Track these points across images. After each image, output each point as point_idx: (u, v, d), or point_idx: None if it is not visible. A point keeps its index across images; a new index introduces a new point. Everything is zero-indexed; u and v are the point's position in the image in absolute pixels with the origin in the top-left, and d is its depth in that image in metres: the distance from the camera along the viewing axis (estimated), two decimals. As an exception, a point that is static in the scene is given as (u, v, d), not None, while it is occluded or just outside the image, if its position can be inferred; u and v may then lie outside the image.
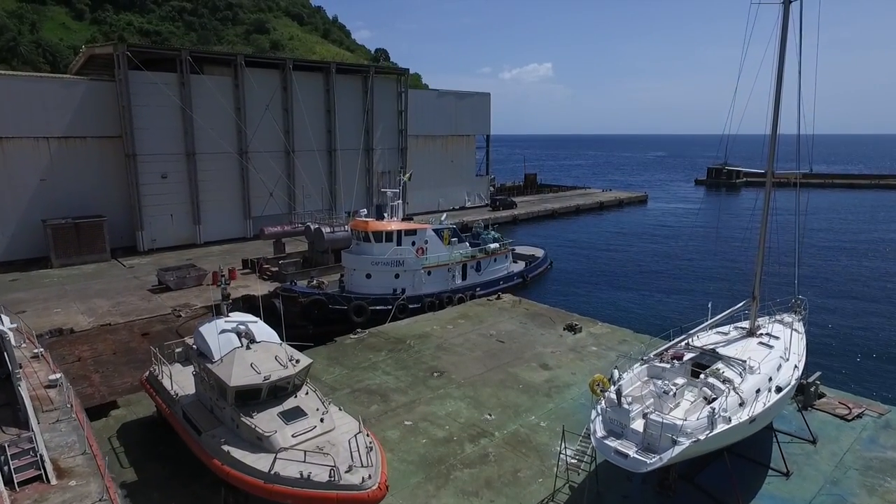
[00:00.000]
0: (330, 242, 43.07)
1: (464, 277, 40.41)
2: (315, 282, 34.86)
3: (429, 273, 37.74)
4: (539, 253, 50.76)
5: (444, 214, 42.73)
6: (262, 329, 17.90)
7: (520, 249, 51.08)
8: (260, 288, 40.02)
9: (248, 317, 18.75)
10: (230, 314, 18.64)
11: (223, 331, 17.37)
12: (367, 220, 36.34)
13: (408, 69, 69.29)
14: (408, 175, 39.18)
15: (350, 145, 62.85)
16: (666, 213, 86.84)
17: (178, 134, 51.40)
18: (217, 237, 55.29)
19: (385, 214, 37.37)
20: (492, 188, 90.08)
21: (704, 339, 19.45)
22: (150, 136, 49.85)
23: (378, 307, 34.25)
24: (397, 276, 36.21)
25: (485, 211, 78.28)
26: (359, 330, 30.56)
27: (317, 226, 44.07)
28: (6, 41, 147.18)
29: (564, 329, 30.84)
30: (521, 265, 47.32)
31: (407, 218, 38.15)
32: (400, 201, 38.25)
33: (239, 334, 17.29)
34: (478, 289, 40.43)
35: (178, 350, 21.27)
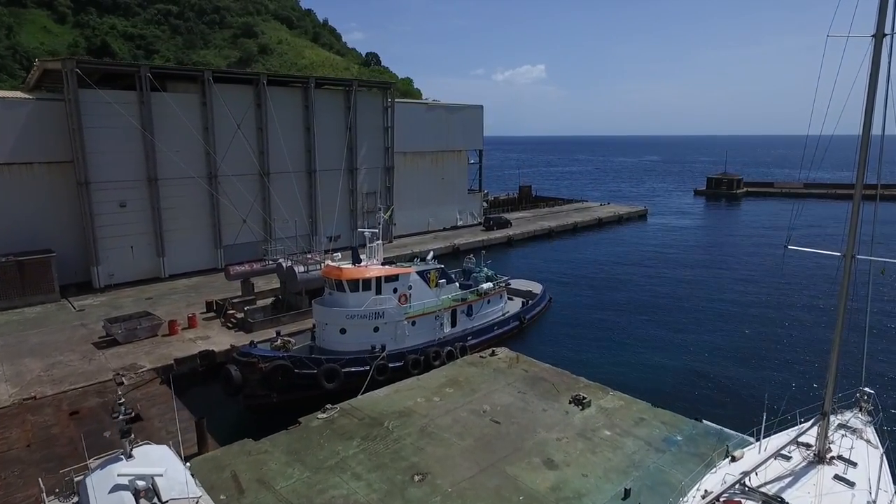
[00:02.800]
0: (304, 283, 38.34)
1: (453, 324, 35.80)
2: (279, 341, 30.10)
3: (413, 323, 33.09)
4: (537, 288, 46.15)
5: (431, 252, 38.08)
6: (172, 480, 13.14)
7: (516, 283, 46.53)
8: (222, 339, 35.32)
9: (159, 455, 14.00)
10: (133, 452, 13.84)
11: (116, 486, 12.64)
12: (341, 265, 31.60)
13: (393, 82, 64.70)
14: (388, 212, 34.54)
15: (331, 165, 58.10)
16: (668, 232, 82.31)
17: (138, 158, 46.47)
18: (184, 269, 50.36)
19: (362, 257, 32.67)
20: (485, 203, 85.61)
21: (762, 470, 14.86)
22: (106, 161, 44.89)
23: (353, 368, 29.53)
24: (377, 329, 31.51)
25: (478, 231, 73.73)
26: (328, 406, 25.80)
27: (289, 264, 39.27)
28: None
29: (570, 402, 26.25)
30: (517, 303, 42.73)
31: (388, 261, 33.46)
32: (379, 242, 33.55)
33: (136, 493, 12.56)
34: (469, 337, 35.84)
35: (77, 479, 16.45)
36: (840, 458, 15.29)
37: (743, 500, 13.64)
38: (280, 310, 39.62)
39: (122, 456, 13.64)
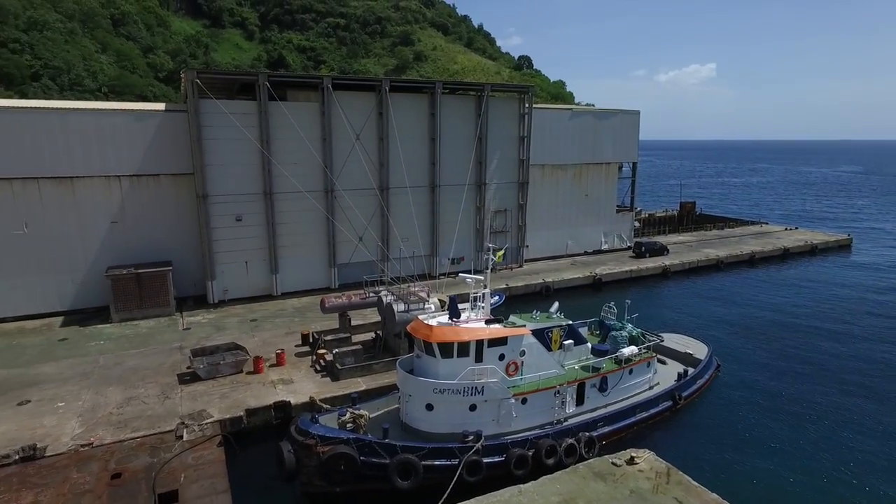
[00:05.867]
0: (402, 325, 32.32)
1: (579, 402, 27.27)
2: (348, 415, 24.18)
3: (523, 401, 25.28)
4: (700, 351, 35.32)
5: (556, 304, 29.80)
6: None
7: (670, 340, 36.25)
8: (305, 387, 30.69)
9: None
10: None
11: None
12: (432, 322, 24.81)
13: (532, 85, 56.76)
14: (500, 253, 27.15)
15: (457, 180, 52.03)
16: (889, 273, 63.38)
17: (256, 171, 44.54)
18: (297, 287, 47.83)
19: (462, 310, 25.58)
20: (637, 223, 73.75)
21: None
22: (224, 174, 43.52)
23: (437, 461, 22.61)
24: (473, 408, 24.28)
25: (626, 258, 62.82)
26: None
27: (389, 299, 33.62)
28: (178, 63, 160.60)
29: (754, 586, 16.51)
30: (671, 371, 32.61)
31: (494, 319, 25.90)
32: (487, 291, 26.22)
33: None
34: (600, 424, 26.99)
35: None
36: None
37: None
38: (375, 353, 34.19)
39: None
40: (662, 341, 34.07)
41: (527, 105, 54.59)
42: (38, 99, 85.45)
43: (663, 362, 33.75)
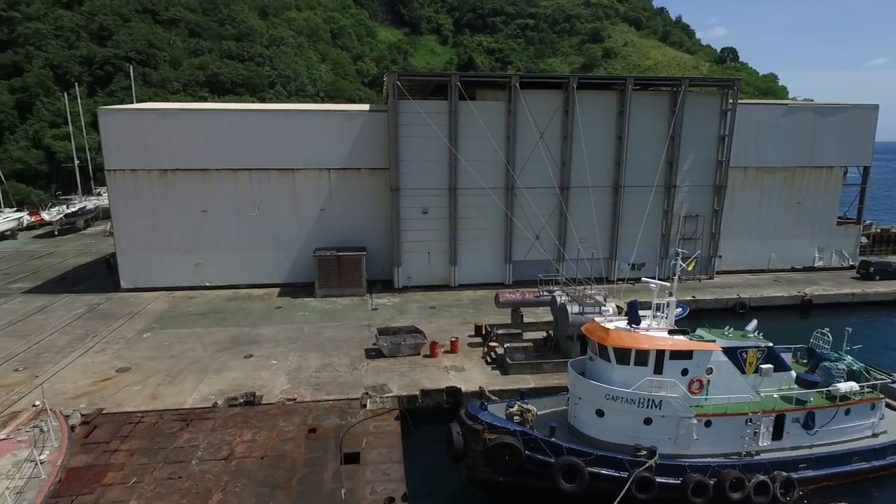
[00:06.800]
0: (575, 327, 31.65)
1: (776, 436, 23.95)
2: (516, 407, 24.25)
3: (707, 424, 23.00)
4: (947, 399, 28.56)
5: (753, 322, 26.42)
6: None
7: (904, 381, 29.84)
8: (475, 376, 31.79)
9: None
10: None
11: None
12: (609, 325, 23.79)
13: (737, 79, 50.79)
14: (692, 262, 24.94)
15: (643, 181, 49.06)
16: None
17: (443, 167, 47.09)
18: (473, 280, 49.61)
19: (643, 317, 24.11)
20: (864, 239, 62.06)
21: None
22: (415, 169, 46.83)
23: (604, 471, 21.76)
24: (648, 422, 22.79)
25: (847, 278, 53.37)
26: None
27: (564, 300, 33.14)
28: (381, 69, 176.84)
29: None
30: (902, 419, 26.93)
31: (679, 330, 23.89)
32: (672, 300, 24.34)
33: None
34: (802, 465, 23.46)
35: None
36: None
37: None
38: (545, 352, 33.99)
39: None
40: (895, 383, 28.30)
41: (730, 101, 49.27)
42: (272, 103, 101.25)
43: (894, 409, 28.05)
